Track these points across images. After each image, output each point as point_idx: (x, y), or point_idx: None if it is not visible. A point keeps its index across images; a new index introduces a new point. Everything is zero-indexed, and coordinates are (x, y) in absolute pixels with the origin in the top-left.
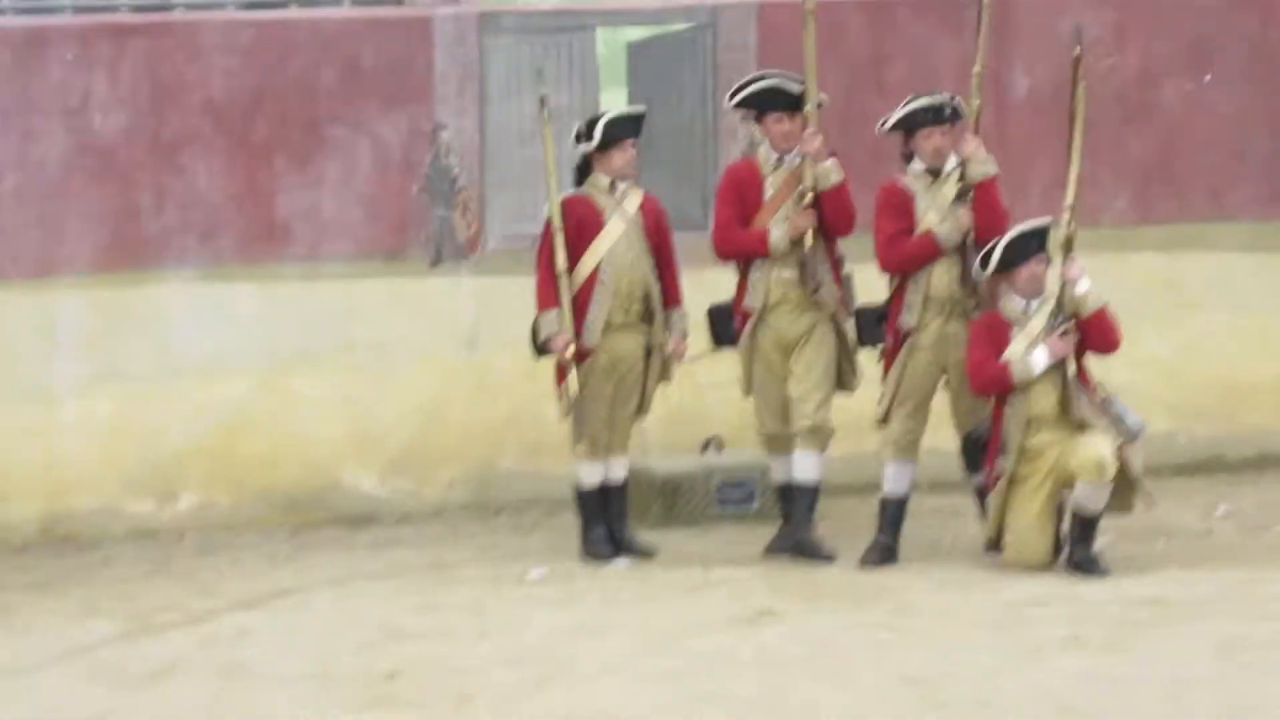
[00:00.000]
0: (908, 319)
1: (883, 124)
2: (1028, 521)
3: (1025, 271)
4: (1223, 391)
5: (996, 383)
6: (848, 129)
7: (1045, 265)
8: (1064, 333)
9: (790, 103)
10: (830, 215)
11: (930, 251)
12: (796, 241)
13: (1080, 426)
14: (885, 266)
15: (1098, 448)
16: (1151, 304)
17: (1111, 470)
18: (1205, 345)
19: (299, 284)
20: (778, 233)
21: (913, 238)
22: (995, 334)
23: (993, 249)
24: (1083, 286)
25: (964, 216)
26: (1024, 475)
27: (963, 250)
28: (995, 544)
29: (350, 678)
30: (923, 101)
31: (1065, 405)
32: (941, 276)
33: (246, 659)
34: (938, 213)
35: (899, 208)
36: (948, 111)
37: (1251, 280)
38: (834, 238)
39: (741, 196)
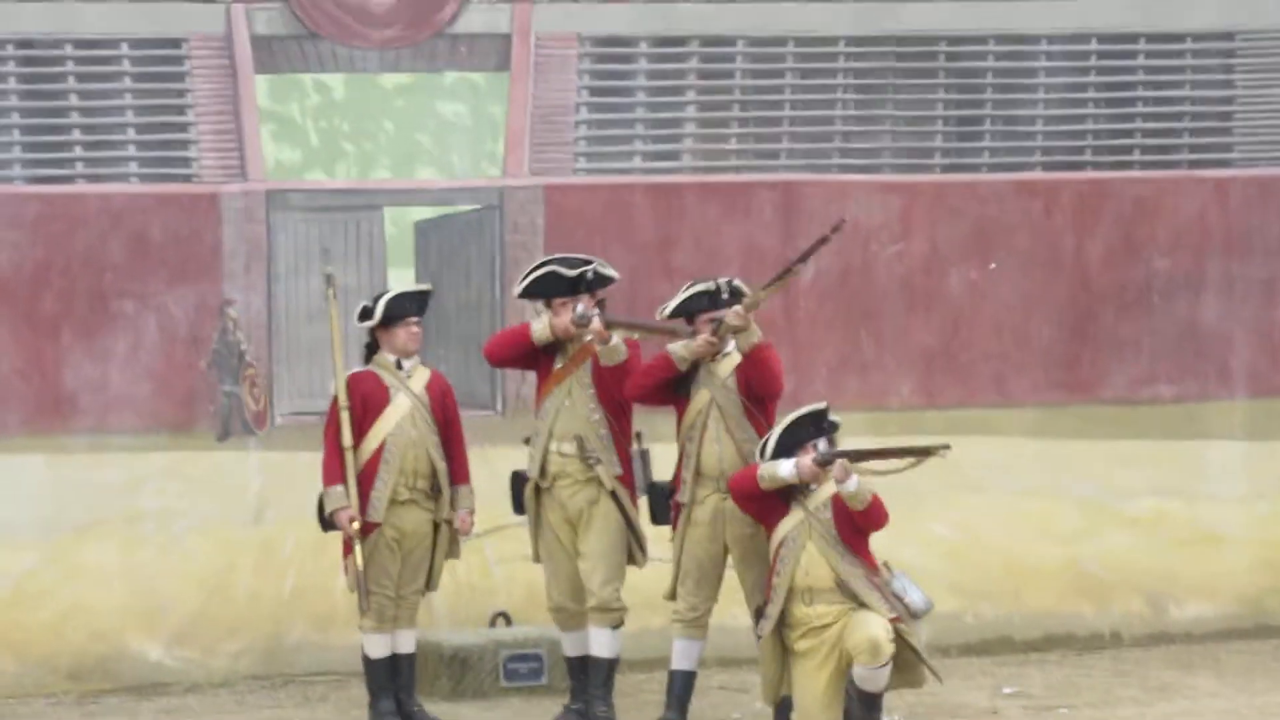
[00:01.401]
0: (682, 495)
1: (662, 310)
2: (814, 699)
3: (805, 457)
4: (1007, 573)
5: (744, 480)
6: (635, 310)
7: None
8: (823, 461)
9: (569, 286)
10: (612, 386)
11: (666, 367)
12: (573, 418)
13: (858, 602)
14: (628, 392)
15: (872, 629)
16: (936, 486)
17: (886, 652)
18: (989, 527)
19: (86, 455)
20: (540, 325)
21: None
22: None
23: (769, 438)
24: (851, 486)
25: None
26: (807, 651)
27: (733, 425)
28: (777, 711)
29: None
30: (699, 287)
31: (840, 581)
32: (711, 451)
33: None
34: (709, 388)
35: (664, 366)
36: (725, 295)
37: (1034, 464)
38: (618, 415)
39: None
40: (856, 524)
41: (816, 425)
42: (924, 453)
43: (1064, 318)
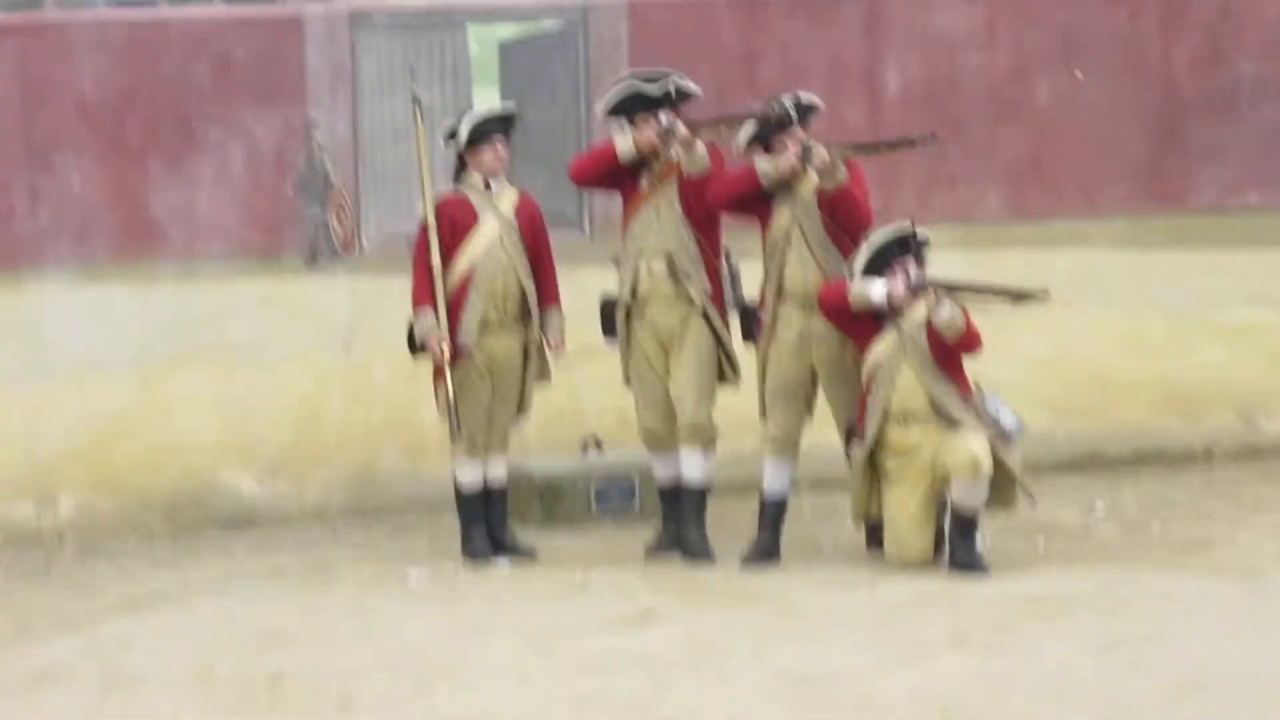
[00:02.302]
0: (765, 313)
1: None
2: (906, 520)
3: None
4: (1099, 389)
5: (834, 294)
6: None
7: (910, 268)
8: (915, 288)
9: (650, 102)
10: (699, 202)
11: (751, 181)
12: (662, 236)
13: (953, 424)
14: (712, 199)
15: (971, 446)
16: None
17: (986, 468)
18: (1080, 342)
19: (174, 284)
20: (624, 142)
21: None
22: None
23: (856, 256)
24: (944, 314)
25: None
26: (900, 473)
27: (815, 245)
28: (870, 534)
29: (232, 681)
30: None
31: (935, 404)
32: (795, 270)
33: (128, 663)
34: (790, 207)
35: (748, 179)
36: (793, 113)
37: (1123, 275)
38: (706, 232)
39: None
40: (950, 348)
41: (905, 244)
42: (1022, 296)
43: (1151, 126)
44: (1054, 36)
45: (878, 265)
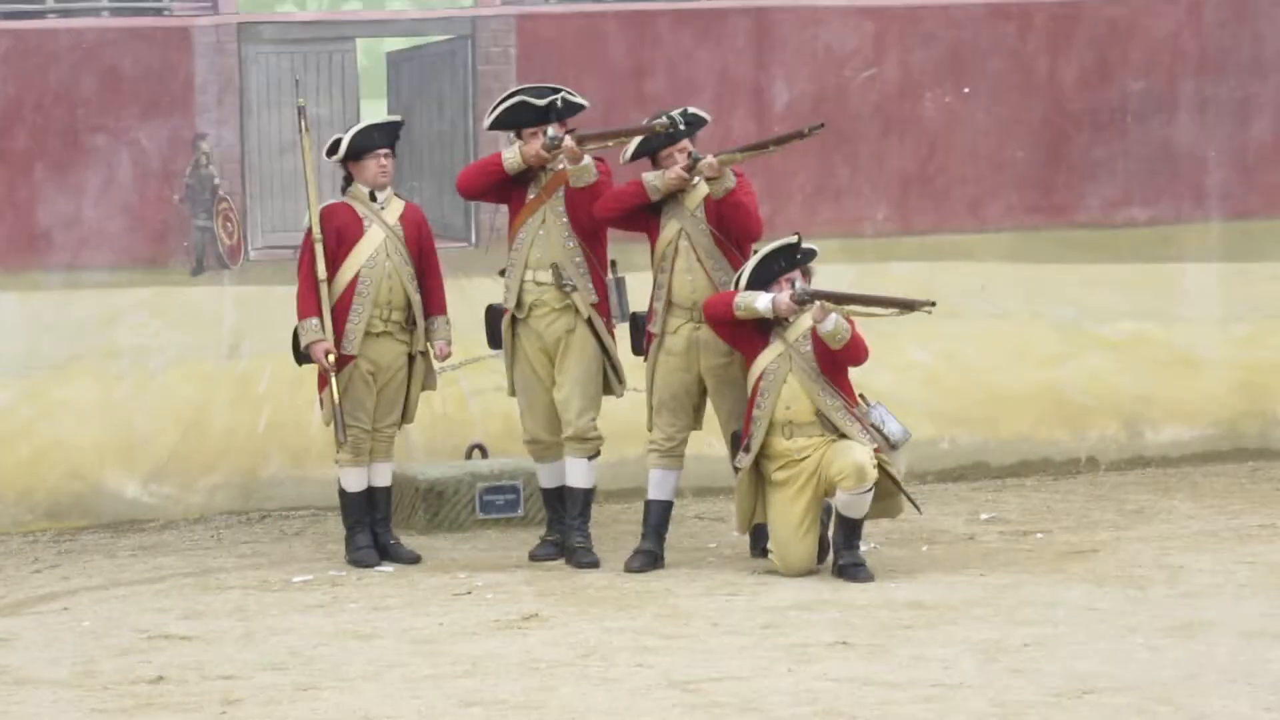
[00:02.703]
0: (653, 325)
1: (624, 154)
2: (790, 528)
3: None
4: (984, 399)
5: (718, 304)
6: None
7: (795, 281)
8: (800, 300)
9: (537, 115)
10: (586, 212)
11: (638, 194)
12: (548, 246)
13: (839, 433)
14: (598, 212)
15: (856, 455)
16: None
17: (871, 476)
18: (966, 353)
19: (60, 292)
20: (511, 154)
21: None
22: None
23: (743, 270)
24: (829, 325)
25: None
26: (784, 480)
27: (703, 256)
28: (754, 541)
29: (115, 682)
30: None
31: (821, 413)
32: (683, 281)
33: (10, 664)
34: (678, 219)
35: (635, 194)
36: (682, 126)
37: (1010, 289)
38: (592, 243)
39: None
40: (835, 358)
41: (791, 257)
42: (907, 306)
43: (1038, 141)
44: (942, 52)
45: (764, 278)
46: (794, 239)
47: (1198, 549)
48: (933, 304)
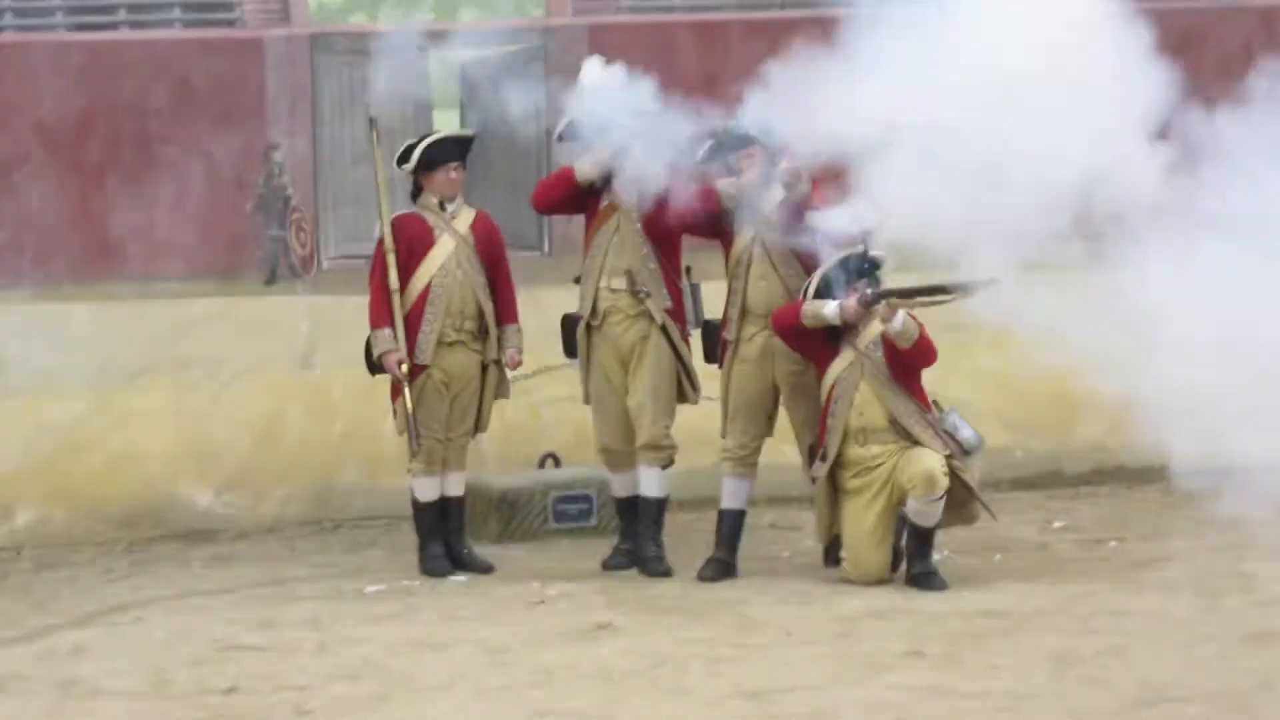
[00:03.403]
0: (728, 332)
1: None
2: (863, 536)
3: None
4: (1057, 406)
5: (787, 315)
6: None
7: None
8: (867, 302)
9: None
10: (656, 218)
11: (568, 180)
12: (622, 252)
13: (912, 440)
14: (533, 202)
15: (927, 462)
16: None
17: (941, 485)
18: (1039, 360)
19: (133, 303)
20: (583, 164)
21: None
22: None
23: (813, 278)
24: (897, 324)
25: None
26: (858, 489)
27: (778, 262)
28: (828, 550)
29: (187, 693)
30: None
31: (894, 420)
32: (757, 288)
33: (83, 674)
34: (753, 225)
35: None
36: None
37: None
38: (667, 249)
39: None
40: (905, 361)
41: (860, 265)
42: (970, 288)
43: None
44: None
45: (833, 285)
46: (860, 248)
47: (1271, 558)
48: (997, 280)
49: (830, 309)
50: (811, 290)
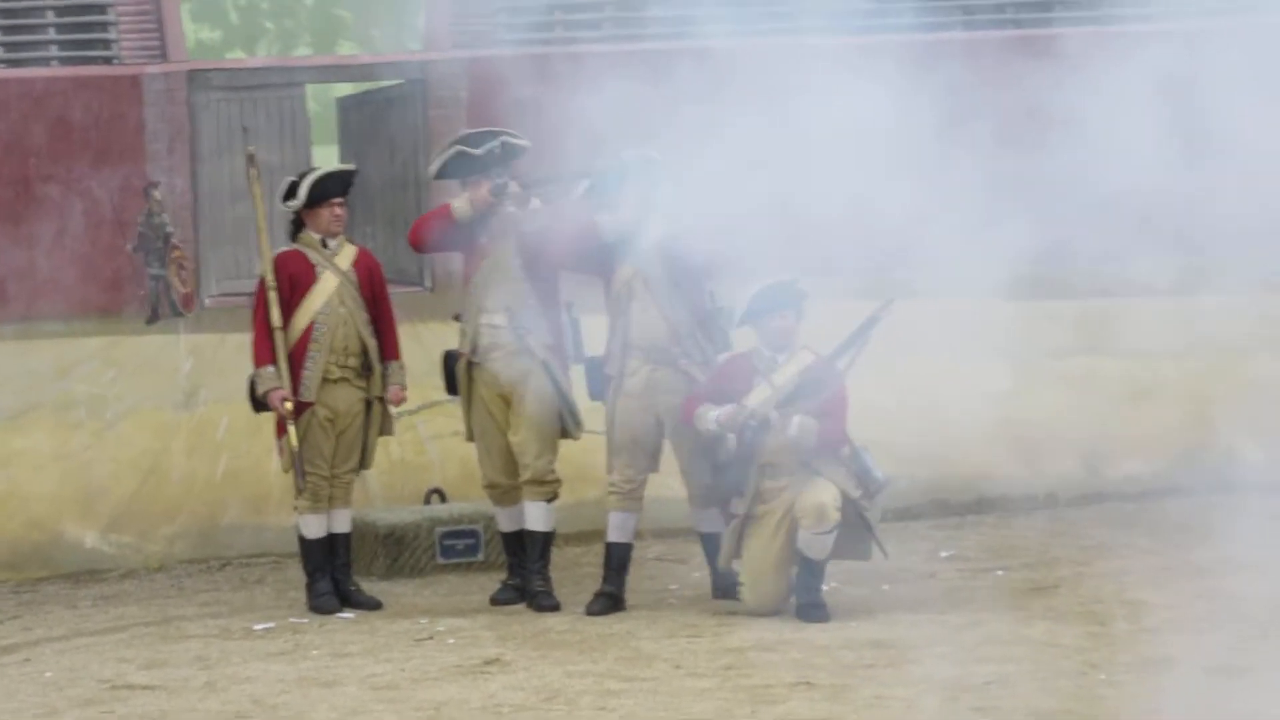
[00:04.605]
0: (610, 367)
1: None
2: (764, 564)
3: (772, 324)
4: (942, 436)
5: (687, 413)
6: None
7: (794, 319)
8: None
9: (480, 165)
10: (539, 255)
11: (445, 218)
12: (502, 290)
13: (817, 474)
14: (410, 240)
15: (820, 495)
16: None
17: (831, 519)
18: (921, 390)
19: (14, 343)
20: (459, 202)
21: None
22: (736, 377)
23: (738, 309)
24: (791, 432)
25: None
26: (760, 517)
27: (660, 296)
28: (716, 584)
29: None
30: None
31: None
32: (641, 321)
33: None
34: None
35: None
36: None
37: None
38: (547, 286)
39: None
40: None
41: (787, 295)
42: (877, 319)
43: None
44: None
45: (760, 311)
46: (794, 277)
47: (1157, 584)
48: (891, 300)
49: (711, 421)
50: (738, 317)
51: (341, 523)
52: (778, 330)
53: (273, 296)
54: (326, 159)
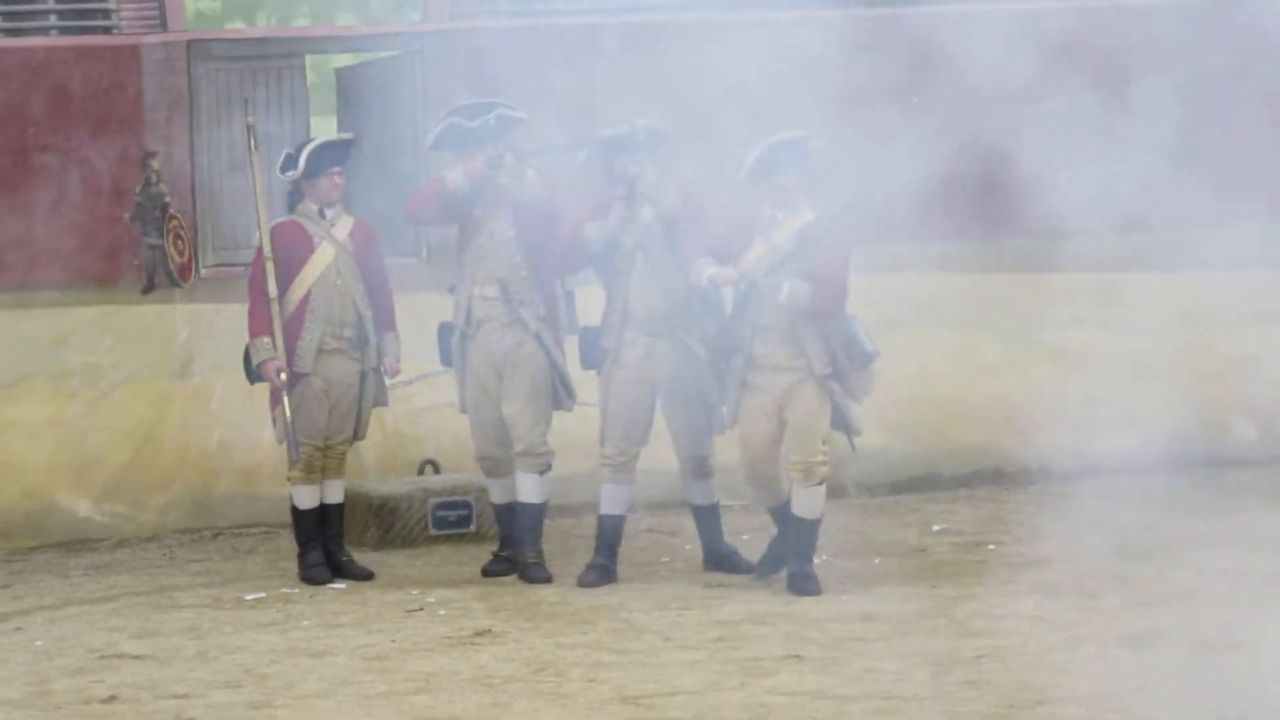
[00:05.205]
0: (608, 339)
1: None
2: (759, 445)
3: (776, 181)
4: (934, 409)
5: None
6: None
7: (797, 177)
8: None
9: (475, 136)
10: (529, 226)
11: (440, 190)
12: (496, 262)
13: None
14: (406, 212)
15: (804, 450)
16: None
17: (819, 472)
18: (914, 364)
19: (10, 312)
20: (454, 175)
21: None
22: (735, 236)
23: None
24: (783, 298)
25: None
26: (754, 390)
27: (661, 270)
28: (706, 554)
29: (68, 702)
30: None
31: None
32: (640, 295)
33: None
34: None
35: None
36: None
37: (958, 298)
38: (540, 254)
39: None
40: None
41: (791, 151)
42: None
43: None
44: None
45: (769, 165)
46: (800, 132)
47: (1148, 558)
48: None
49: (704, 276)
50: (746, 170)
51: (334, 493)
52: (780, 187)
53: (269, 267)
54: (324, 129)
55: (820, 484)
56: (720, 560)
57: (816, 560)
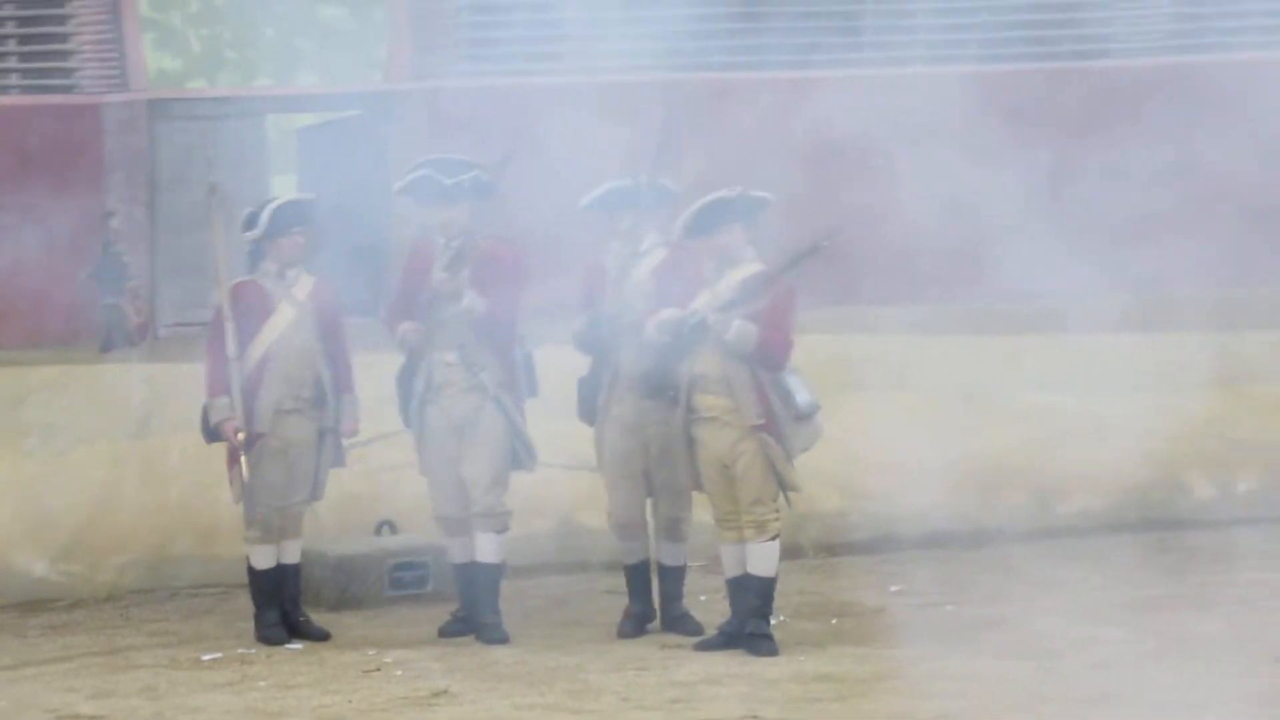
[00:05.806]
0: (600, 396)
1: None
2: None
3: (714, 240)
4: (894, 471)
5: None
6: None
7: (739, 234)
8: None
9: (444, 193)
10: (489, 291)
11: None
12: (455, 327)
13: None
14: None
15: (757, 512)
16: (821, 384)
17: (771, 528)
18: (874, 425)
19: None
20: (410, 332)
21: None
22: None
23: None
24: (729, 336)
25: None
26: (703, 440)
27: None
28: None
29: None
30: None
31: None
32: (629, 354)
33: None
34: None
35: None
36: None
37: (920, 360)
38: (499, 318)
39: (414, 276)
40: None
41: (726, 211)
42: (812, 251)
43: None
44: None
45: (704, 227)
46: (735, 191)
47: (1107, 620)
48: (837, 231)
49: (651, 329)
50: (681, 225)
51: (291, 553)
52: (719, 247)
53: (229, 326)
54: (286, 188)
55: (773, 539)
56: (673, 621)
57: (773, 621)
